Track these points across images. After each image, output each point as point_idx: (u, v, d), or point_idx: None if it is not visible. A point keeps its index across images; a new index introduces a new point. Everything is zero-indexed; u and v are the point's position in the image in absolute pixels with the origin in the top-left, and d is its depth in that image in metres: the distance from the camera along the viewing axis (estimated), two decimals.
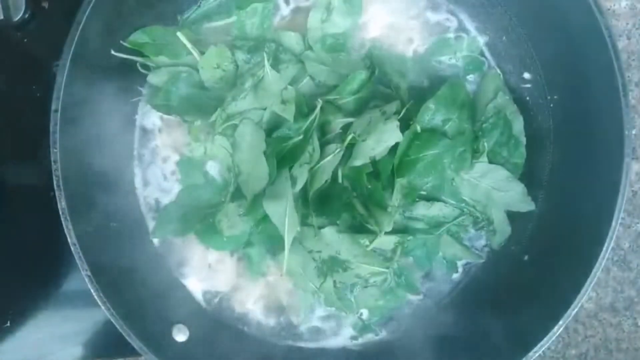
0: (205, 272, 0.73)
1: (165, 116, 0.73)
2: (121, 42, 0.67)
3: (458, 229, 0.72)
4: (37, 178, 0.62)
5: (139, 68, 0.70)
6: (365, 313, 0.73)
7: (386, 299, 0.72)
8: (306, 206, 0.68)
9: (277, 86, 0.68)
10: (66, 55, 0.60)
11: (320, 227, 0.67)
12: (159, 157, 0.74)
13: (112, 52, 0.66)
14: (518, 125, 0.71)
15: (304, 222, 0.68)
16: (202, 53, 0.69)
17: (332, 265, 0.68)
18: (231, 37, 0.72)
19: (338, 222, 0.67)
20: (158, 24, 0.69)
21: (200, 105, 0.70)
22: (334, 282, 0.69)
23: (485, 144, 0.68)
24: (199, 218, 0.71)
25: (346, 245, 0.67)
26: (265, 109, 0.68)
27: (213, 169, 0.73)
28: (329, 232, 0.67)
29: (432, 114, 0.66)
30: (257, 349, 0.71)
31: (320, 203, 0.68)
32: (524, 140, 0.71)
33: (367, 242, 0.67)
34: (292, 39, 0.71)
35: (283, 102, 0.67)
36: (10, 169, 0.66)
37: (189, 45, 0.69)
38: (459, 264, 0.74)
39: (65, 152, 0.60)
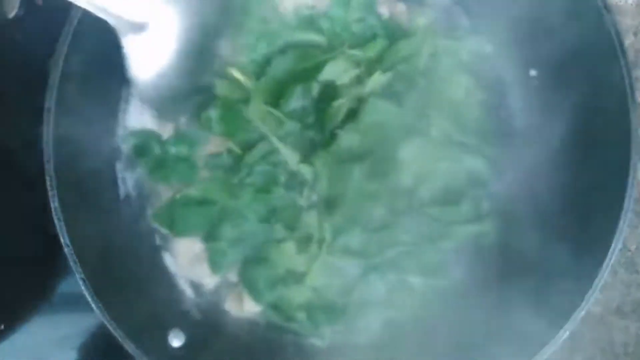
0: (191, 262, 0.71)
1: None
2: None
3: None
4: (30, 178, 0.61)
5: None
6: None
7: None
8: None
9: None
10: (60, 53, 0.59)
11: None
12: None
13: None
14: None
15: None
16: None
17: (285, 279, 0.67)
18: None
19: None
20: None
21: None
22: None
23: None
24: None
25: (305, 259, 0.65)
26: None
27: None
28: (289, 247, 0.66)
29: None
30: (252, 353, 0.70)
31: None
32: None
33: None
34: None
35: None
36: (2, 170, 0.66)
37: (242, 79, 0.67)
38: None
39: (59, 151, 0.59)
